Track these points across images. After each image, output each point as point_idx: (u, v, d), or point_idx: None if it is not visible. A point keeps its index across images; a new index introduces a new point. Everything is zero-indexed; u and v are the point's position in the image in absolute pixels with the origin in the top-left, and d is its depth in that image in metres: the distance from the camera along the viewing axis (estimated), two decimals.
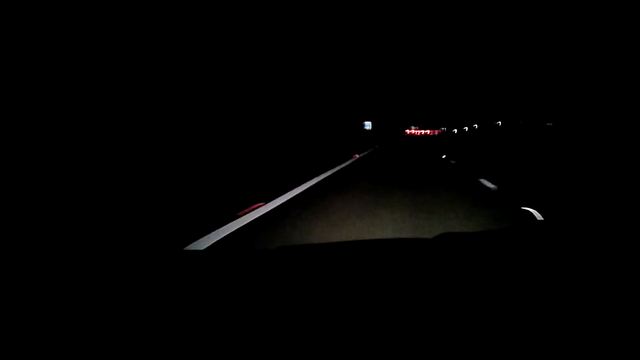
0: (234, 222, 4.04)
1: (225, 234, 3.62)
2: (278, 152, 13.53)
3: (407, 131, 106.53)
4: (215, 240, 3.42)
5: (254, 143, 12.95)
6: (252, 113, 13.61)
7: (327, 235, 3.65)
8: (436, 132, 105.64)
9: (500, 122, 48.49)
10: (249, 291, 0.79)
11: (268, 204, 5.04)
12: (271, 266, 0.97)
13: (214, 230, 3.68)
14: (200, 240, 3.39)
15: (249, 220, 4.16)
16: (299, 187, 6.57)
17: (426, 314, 0.67)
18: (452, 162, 12.82)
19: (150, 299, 0.75)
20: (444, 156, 15.35)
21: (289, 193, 5.97)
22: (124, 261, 1.05)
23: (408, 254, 1.09)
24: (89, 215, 4.28)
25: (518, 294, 0.74)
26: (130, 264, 1.00)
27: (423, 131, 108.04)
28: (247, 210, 4.55)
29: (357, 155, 15.39)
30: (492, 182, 7.15)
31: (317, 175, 8.46)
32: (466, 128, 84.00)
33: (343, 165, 11.63)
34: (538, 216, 4.20)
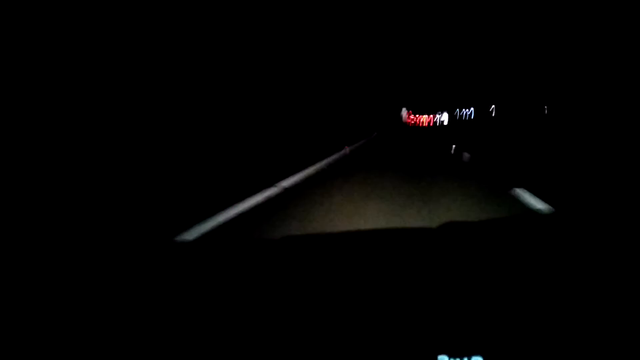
0: (222, 213, 4.31)
1: (214, 225, 3.89)
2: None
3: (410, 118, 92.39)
4: (204, 231, 3.68)
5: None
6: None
7: None
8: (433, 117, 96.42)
9: (493, 106, 48.27)
10: (242, 290, 0.77)
11: None
12: (275, 256, 0.97)
13: (203, 220, 3.94)
14: (190, 230, 3.64)
15: (236, 212, 4.43)
16: None
17: (430, 305, 0.68)
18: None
19: (137, 292, 0.74)
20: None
21: None
22: (111, 254, 1.07)
23: (413, 244, 1.10)
24: (83, 209, 4.50)
25: (520, 285, 0.74)
26: (118, 257, 1.02)
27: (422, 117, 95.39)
28: None
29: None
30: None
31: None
32: (462, 112, 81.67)
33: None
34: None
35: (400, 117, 77.20)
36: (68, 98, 6.77)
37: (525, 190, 5.34)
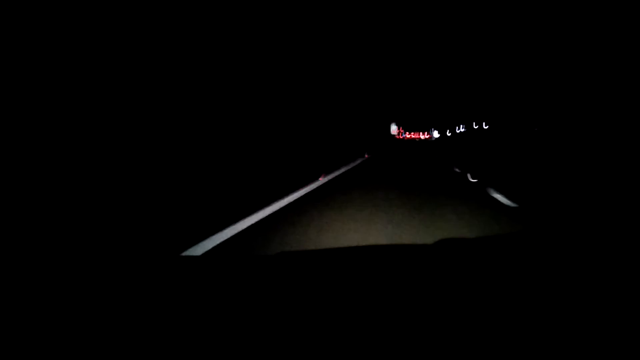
0: (231, 227, 4.22)
1: (222, 240, 3.80)
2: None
3: (408, 135, 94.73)
4: (212, 246, 3.60)
5: None
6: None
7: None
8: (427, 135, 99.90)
9: (487, 126, 49.07)
10: (245, 298, 0.82)
11: None
12: (268, 272, 1.01)
13: (210, 235, 3.85)
14: (197, 245, 3.56)
15: (244, 227, 4.35)
16: None
17: (426, 321, 0.70)
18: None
19: (145, 306, 0.78)
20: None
21: None
22: (119, 267, 1.08)
23: (408, 260, 1.14)
24: (86, 219, 4.38)
25: (517, 300, 0.78)
26: (125, 270, 1.04)
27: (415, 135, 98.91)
28: None
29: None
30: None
31: None
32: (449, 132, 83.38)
33: None
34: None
35: (390, 133, 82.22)
36: (95, 110, 6.73)
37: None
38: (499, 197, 6.26)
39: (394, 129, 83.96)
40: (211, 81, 13.38)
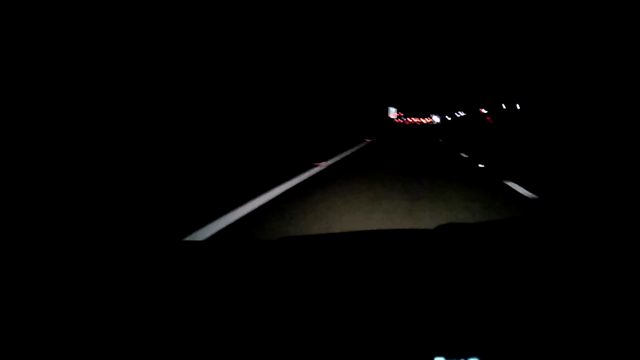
0: (232, 212, 4.22)
1: (224, 225, 3.79)
2: None
3: (409, 119, 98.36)
4: (215, 231, 3.59)
5: None
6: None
7: None
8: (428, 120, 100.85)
9: (486, 110, 49.06)
10: (247, 283, 0.83)
11: None
12: (271, 257, 1.01)
13: (213, 220, 3.85)
14: (199, 230, 3.55)
15: (247, 212, 4.35)
16: None
17: (426, 307, 0.71)
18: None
19: (147, 291, 0.78)
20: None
21: None
22: (121, 252, 1.08)
23: (409, 245, 1.15)
24: (90, 209, 4.38)
25: (518, 286, 0.78)
26: (127, 256, 1.04)
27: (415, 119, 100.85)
28: None
29: None
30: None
31: None
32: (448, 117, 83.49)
33: None
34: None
35: (389, 116, 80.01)
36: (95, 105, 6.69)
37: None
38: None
39: (392, 112, 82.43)
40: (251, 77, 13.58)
